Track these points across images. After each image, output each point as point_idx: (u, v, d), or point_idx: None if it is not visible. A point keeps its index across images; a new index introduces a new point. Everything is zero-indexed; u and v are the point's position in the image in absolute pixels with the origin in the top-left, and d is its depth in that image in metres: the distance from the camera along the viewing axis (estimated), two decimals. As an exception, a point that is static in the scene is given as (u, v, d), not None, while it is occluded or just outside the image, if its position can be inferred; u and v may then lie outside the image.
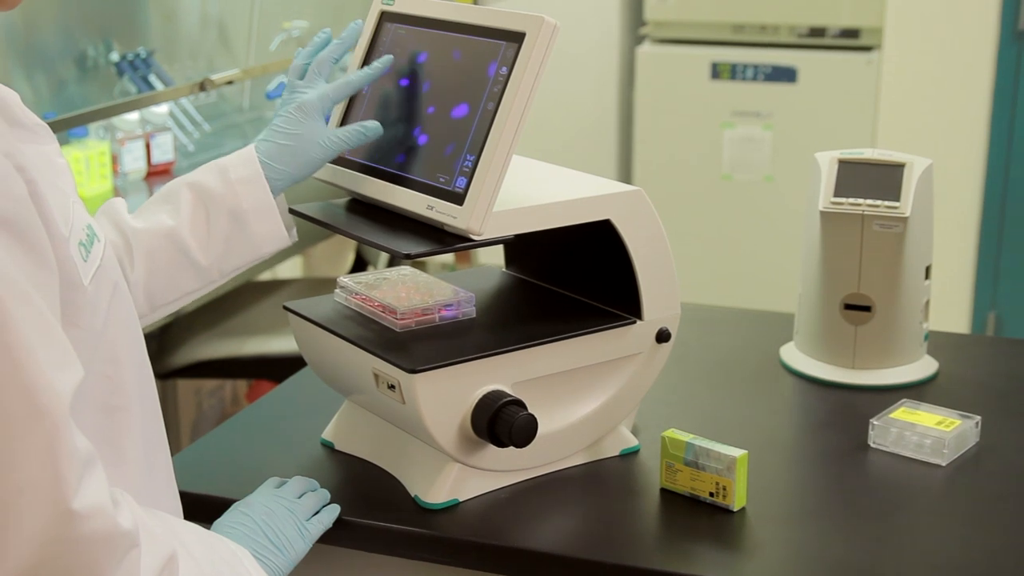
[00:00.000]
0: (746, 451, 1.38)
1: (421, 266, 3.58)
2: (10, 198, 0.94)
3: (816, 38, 3.95)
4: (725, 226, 4.07)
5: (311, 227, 1.46)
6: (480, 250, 2.67)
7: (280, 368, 2.73)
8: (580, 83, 4.21)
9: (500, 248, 1.50)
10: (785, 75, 3.95)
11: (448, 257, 4.25)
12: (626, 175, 4.33)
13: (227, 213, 1.38)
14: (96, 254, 1.10)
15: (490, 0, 3.81)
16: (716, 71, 4.04)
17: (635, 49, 4.19)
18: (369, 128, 1.39)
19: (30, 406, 0.91)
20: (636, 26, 4.32)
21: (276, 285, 3.23)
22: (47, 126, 1.17)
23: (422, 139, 1.38)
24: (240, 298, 3.04)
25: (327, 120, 1.42)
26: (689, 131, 4.08)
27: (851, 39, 3.90)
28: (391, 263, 3.43)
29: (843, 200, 1.70)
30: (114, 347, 1.11)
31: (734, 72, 4.01)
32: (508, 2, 3.84)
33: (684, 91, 4.07)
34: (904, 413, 1.56)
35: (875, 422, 1.54)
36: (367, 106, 1.45)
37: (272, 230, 1.40)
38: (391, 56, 1.43)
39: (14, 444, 0.91)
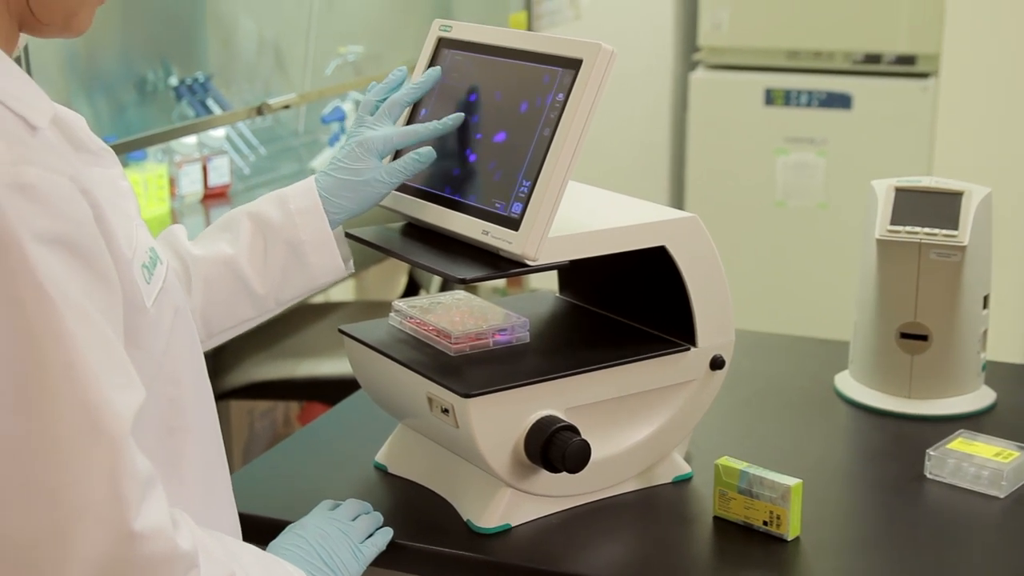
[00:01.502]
0: (800, 480, 1.37)
1: (472, 290, 3.59)
2: (75, 221, 0.95)
3: (871, 64, 3.93)
4: (778, 252, 4.05)
5: (365, 251, 1.47)
6: (532, 275, 2.67)
7: (332, 390, 2.74)
8: (633, 108, 4.22)
9: (552, 273, 1.51)
10: (840, 101, 3.93)
11: (499, 281, 4.26)
12: (678, 201, 4.32)
13: (285, 243, 1.39)
14: (159, 276, 1.11)
15: (543, 26, 3.83)
16: (770, 97, 4.03)
17: (688, 75, 4.19)
18: (423, 155, 1.40)
19: (92, 427, 0.93)
20: (689, 52, 4.32)
21: (329, 308, 3.24)
22: (111, 150, 1.18)
23: (478, 164, 1.38)
24: (293, 320, 3.06)
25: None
26: (742, 157, 4.07)
27: (907, 65, 3.88)
28: (444, 287, 3.44)
29: (900, 228, 1.69)
30: (176, 368, 1.12)
31: (788, 98, 4.00)
32: (561, 28, 3.85)
33: (737, 117, 4.06)
34: (961, 444, 1.54)
35: (932, 452, 1.52)
36: (425, 131, 1.46)
37: (329, 262, 1.41)
38: (439, 68, 1.44)
39: (76, 464, 0.92)
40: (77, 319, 0.93)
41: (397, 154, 1.43)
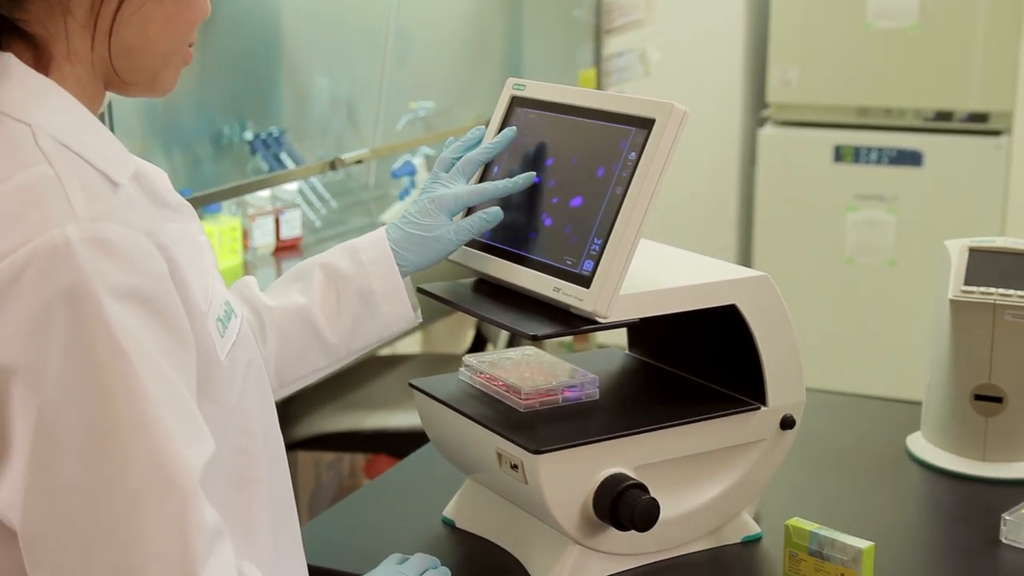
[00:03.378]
0: (872, 543, 1.35)
1: (539, 345, 3.59)
2: (151, 276, 0.97)
3: (943, 122, 3.91)
4: (848, 310, 4.01)
5: (433, 305, 1.49)
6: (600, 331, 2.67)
7: (399, 443, 2.75)
8: (702, 164, 4.22)
9: (621, 329, 1.51)
10: (910, 159, 3.91)
11: (567, 336, 4.26)
12: (746, 257, 4.31)
13: (357, 293, 1.41)
14: (233, 330, 1.13)
15: (613, 83, 3.85)
16: (839, 154, 4.01)
17: (757, 131, 4.19)
18: (491, 215, 1.41)
19: (162, 479, 0.94)
20: (758, 108, 4.33)
21: (396, 360, 3.26)
22: (190, 205, 1.21)
23: (549, 221, 1.39)
24: (361, 372, 3.08)
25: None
26: (811, 213, 4.05)
27: (979, 123, 3.86)
28: (511, 341, 3.45)
29: (974, 289, 1.68)
30: (248, 421, 1.14)
31: (858, 155, 3.99)
32: (631, 84, 3.87)
33: (806, 174, 4.05)
34: (1037, 508, 1.52)
35: (1007, 517, 1.50)
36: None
37: (400, 311, 1.43)
38: (514, 129, 1.46)
39: (145, 516, 0.94)
40: (150, 373, 0.94)
41: (469, 210, 1.45)
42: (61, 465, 0.92)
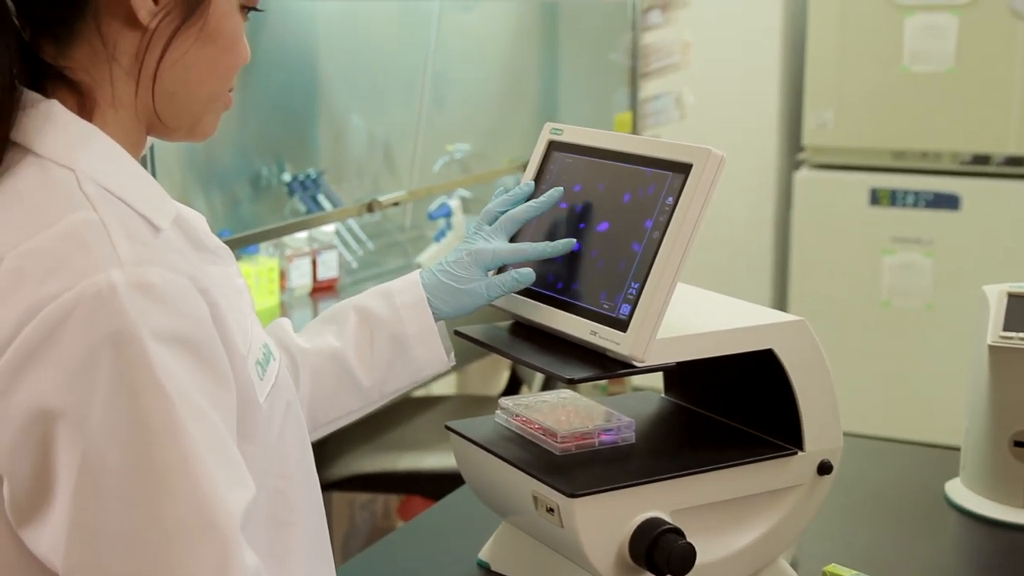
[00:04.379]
0: (911, 590, 1.34)
1: (575, 387, 3.59)
2: (193, 320, 0.98)
3: (980, 165, 3.90)
4: (884, 354, 3.99)
5: (467, 346, 1.49)
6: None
7: (433, 484, 2.75)
8: (737, 207, 4.22)
9: (657, 372, 1.51)
10: (947, 202, 3.90)
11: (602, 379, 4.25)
12: (782, 299, 4.30)
13: (390, 337, 1.41)
14: (271, 372, 1.14)
15: (649, 126, 3.86)
16: (875, 197, 4.00)
17: (793, 174, 4.19)
18: (523, 277, 1.41)
19: (203, 522, 0.94)
20: (794, 151, 4.33)
21: (431, 401, 3.27)
22: (228, 248, 1.22)
23: (586, 265, 1.40)
24: (395, 414, 3.09)
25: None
26: (847, 256, 4.04)
27: (1017, 167, 3.84)
28: (546, 384, 3.44)
29: (1013, 335, 1.67)
30: (286, 463, 1.14)
31: (894, 198, 3.98)
32: (667, 128, 3.88)
33: (842, 216, 4.04)
34: (1079, 557, 1.50)
35: (1048, 565, 1.48)
36: (534, 230, 1.48)
37: (433, 355, 1.43)
38: (561, 189, 1.46)
39: (187, 559, 0.94)
40: (192, 416, 0.95)
41: (504, 266, 1.45)
42: (104, 508, 0.93)
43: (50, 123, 1.03)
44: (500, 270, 1.45)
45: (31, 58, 1.05)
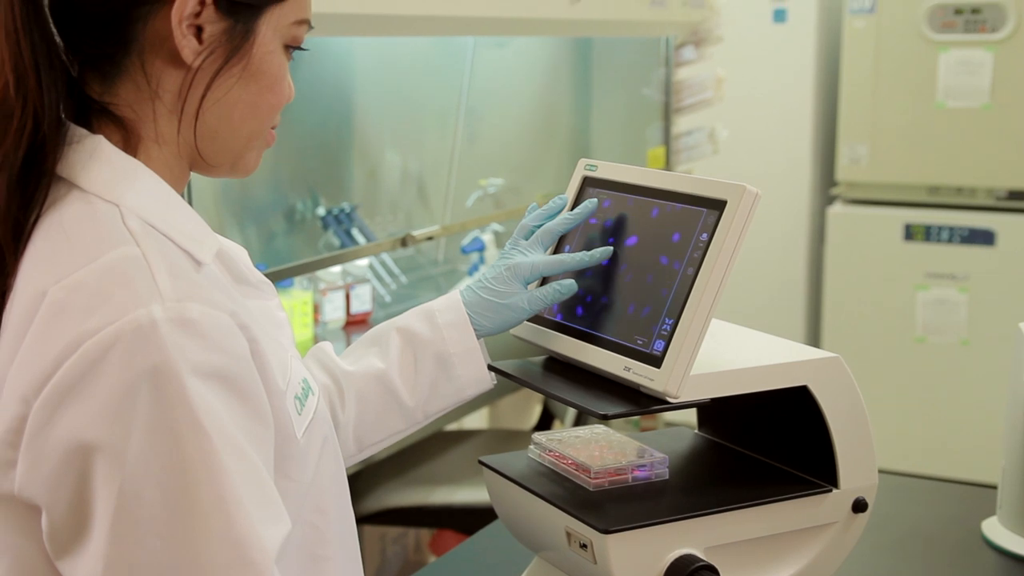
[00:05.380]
0: (948, 630, 1.33)
1: (607, 422, 3.58)
2: (233, 356, 0.99)
3: (1016, 201, 3.88)
4: (919, 390, 3.97)
5: (500, 381, 1.49)
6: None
7: (465, 518, 2.75)
8: (770, 242, 4.21)
9: (690, 408, 1.50)
10: (983, 238, 3.88)
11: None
12: (815, 335, 4.28)
13: (434, 356, 1.42)
14: (310, 407, 1.15)
15: (682, 161, 3.87)
16: (910, 232, 3.99)
17: (826, 209, 4.18)
18: (565, 287, 1.42)
19: (239, 558, 0.95)
20: (827, 186, 4.32)
21: (463, 435, 3.27)
22: (270, 282, 1.24)
23: (620, 301, 1.40)
24: (428, 447, 3.09)
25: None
26: (881, 292, 4.02)
27: (1053, 203, 3.82)
28: (579, 419, 3.44)
29: (1050, 372, 1.65)
30: (322, 498, 1.15)
31: (929, 234, 3.96)
32: (700, 163, 3.89)
33: (876, 252, 4.03)
34: (1118, 598, 1.48)
35: (1087, 606, 1.47)
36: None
37: (476, 374, 1.44)
38: (596, 200, 1.46)
39: (222, 594, 0.95)
40: (230, 452, 0.96)
41: (544, 280, 1.46)
42: (140, 542, 0.93)
43: (95, 158, 1.05)
44: (540, 284, 1.45)
45: (78, 94, 1.07)
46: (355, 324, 2.93)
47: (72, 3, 1.04)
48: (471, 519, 2.62)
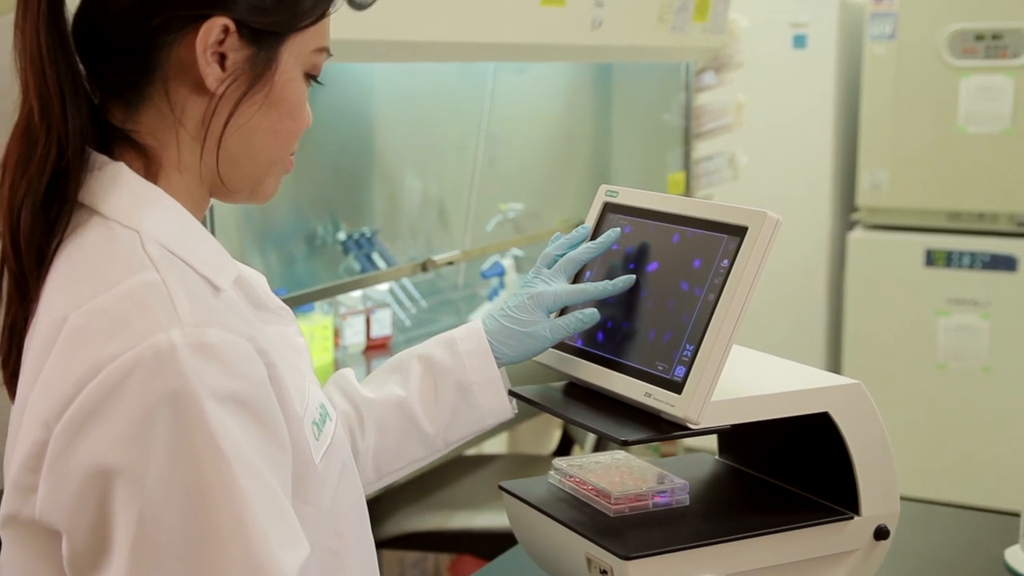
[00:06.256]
0: (971, 660, 1.32)
1: (627, 448, 3.57)
2: (251, 381, 1.00)
3: (1038, 226, 3.87)
4: (940, 417, 3.94)
5: (520, 406, 1.49)
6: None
7: (484, 543, 2.74)
8: (791, 268, 4.21)
9: (710, 435, 1.50)
10: (1004, 263, 3.87)
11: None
12: (836, 361, 4.26)
13: (455, 385, 1.42)
14: (327, 433, 1.15)
15: (702, 186, 3.87)
16: (931, 258, 3.98)
17: (847, 235, 4.18)
18: (587, 316, 1.42)
19: None
20: (848, 212, 4.31)
21: (482, 460, 3.26)
22: (289, 308, 1.24)
23: (640, 327, 1.40)
24: (447, 472, 3.09)
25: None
26: (902, 318, 4.01)
27: (1075, 228, 3.81)
28: (598, 444, 3.43)
29: (1073, 399, 1.64)
30: (340, 523, 1.15)
31: (950, 259, 3.95)
32: (720, 188, 3.89)
33: (897, 278, 4.02)
34: None
35: (1112, 636, 1.45)
36: (591, 279, 1.48)
37: (497, 403, 1.44)
38: (618, 230, 1.46)
39: (242, 618, 0.94)
40: (248, 476, 0.96)
41: (565, 309, 1.46)
42: (160, 566, 0.94)
43: (116, 185, 1.05)
44: (561, 313, 1.45)
45: (100, 121, 1.08)
46: (375, 348, 2.93)
47: (97, 31, 1.05)
48: (491, 544, 2.61)
